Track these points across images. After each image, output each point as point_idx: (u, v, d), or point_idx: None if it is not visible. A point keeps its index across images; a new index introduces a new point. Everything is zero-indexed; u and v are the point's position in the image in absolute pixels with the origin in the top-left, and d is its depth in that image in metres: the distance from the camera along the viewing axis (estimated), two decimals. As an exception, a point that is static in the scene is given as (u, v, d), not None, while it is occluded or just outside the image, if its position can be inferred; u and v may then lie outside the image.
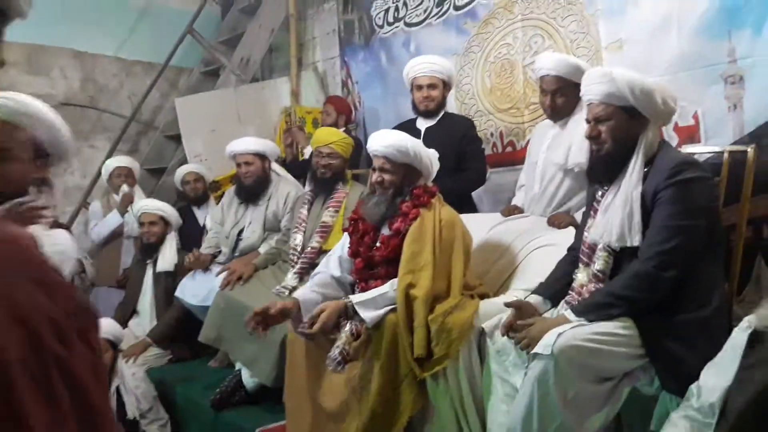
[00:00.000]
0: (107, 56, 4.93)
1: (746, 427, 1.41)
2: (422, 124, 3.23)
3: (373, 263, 2.30)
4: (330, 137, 3.06)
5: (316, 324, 2.07)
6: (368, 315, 2.08)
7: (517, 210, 2.81)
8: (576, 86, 2.50)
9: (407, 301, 2.07)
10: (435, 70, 3.13)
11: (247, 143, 3.40)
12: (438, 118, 3.20)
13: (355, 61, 4.60)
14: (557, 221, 2.52)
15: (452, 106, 3.80)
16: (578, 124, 2.56)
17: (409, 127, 3.20)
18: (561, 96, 2.62)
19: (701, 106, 2.73)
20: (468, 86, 3.78)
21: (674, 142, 2.78)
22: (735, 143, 2.54)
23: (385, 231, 2.32)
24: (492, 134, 3.65)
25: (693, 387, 1.60)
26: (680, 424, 1.57)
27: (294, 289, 2.81)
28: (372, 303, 2.12)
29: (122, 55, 5.01)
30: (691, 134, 2.77)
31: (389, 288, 2.15)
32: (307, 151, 3.93)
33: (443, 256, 2.18)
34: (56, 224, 3.61)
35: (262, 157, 3.39)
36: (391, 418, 2.03)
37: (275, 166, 3.60)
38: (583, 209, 2.49)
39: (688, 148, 2.46)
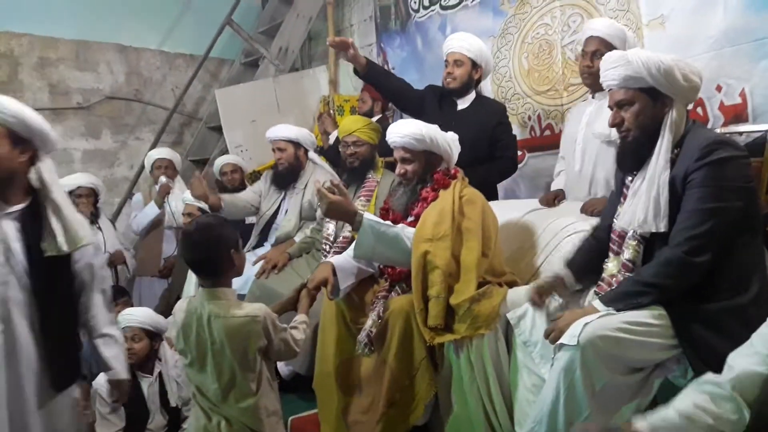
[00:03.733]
0: (151, 50, 5.06)
1: None
2: (458, 104, 3.10)
3: None
4: (352, 126, 3.02)
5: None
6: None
7: (561, 195, 2.72)
8: None
9: (424, 268, 2.04)
10: (463, 46, 2.99)
11: (281, 130, 3.43)
12: (471, 102, 3.08)
13: (392, 47, 4.56)
14: (591, 208, 2.43)
15: (488, 89, 3.72)
16: None
17: (447, 97, 3.10)
18: (599, 58, 2.52)
19: (749, 83, 2.58)
20: (505, 68, 3.70)
21: (720, 122, 2.65)
22: (787, 122, 2.41)
23: (409, 219, 2.32)
24: (530, 117, 3.56)
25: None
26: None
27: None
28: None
29: (165, 48, 5.13)
30: (738, 113, 2.62)
31: (401, 230, 2.15)
32: (332, 137, 3.92)
33: (461, 229, 2.13)
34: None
35: (296, 144, 3.42)
36: (408, 407, 2.04)
37: (312, 155, 3.60)
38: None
39: (730, 128, 2.33)
